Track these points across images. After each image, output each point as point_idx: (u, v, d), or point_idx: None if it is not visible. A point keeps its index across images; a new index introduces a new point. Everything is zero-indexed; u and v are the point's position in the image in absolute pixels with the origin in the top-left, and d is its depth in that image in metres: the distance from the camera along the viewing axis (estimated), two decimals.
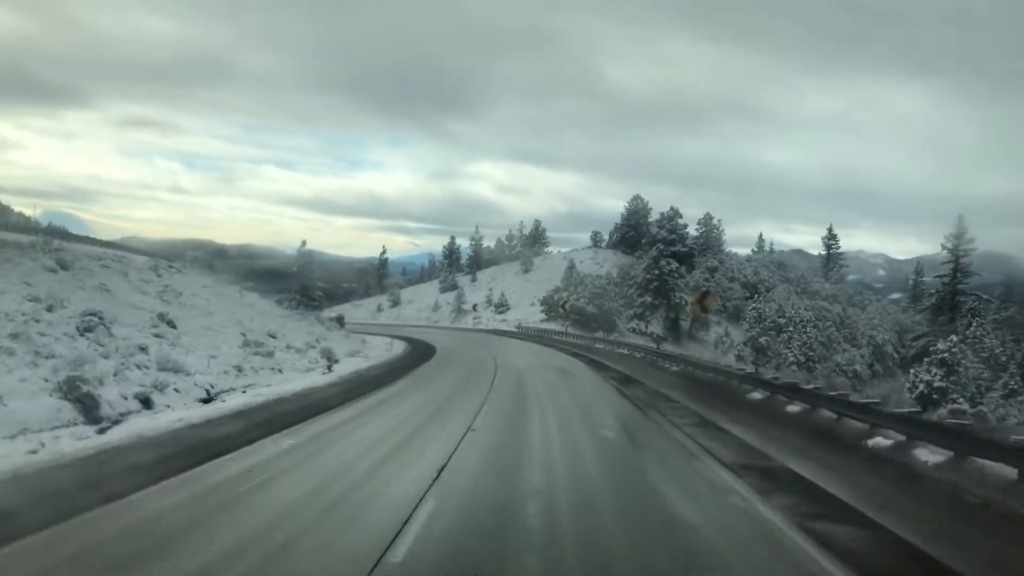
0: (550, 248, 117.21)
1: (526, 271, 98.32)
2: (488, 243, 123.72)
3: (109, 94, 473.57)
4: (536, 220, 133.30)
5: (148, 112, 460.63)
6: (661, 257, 70.93)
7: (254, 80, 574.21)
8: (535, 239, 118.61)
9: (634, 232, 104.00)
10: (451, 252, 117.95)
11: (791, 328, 75.94)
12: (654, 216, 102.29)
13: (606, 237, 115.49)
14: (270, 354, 22.88)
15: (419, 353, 35.64)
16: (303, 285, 44.91)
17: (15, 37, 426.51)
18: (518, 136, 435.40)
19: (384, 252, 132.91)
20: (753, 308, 77.09)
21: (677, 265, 73.21)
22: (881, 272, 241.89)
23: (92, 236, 37.30)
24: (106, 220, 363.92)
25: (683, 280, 74.32)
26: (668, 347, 72.83)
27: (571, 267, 78.87)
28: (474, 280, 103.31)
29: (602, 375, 27.76)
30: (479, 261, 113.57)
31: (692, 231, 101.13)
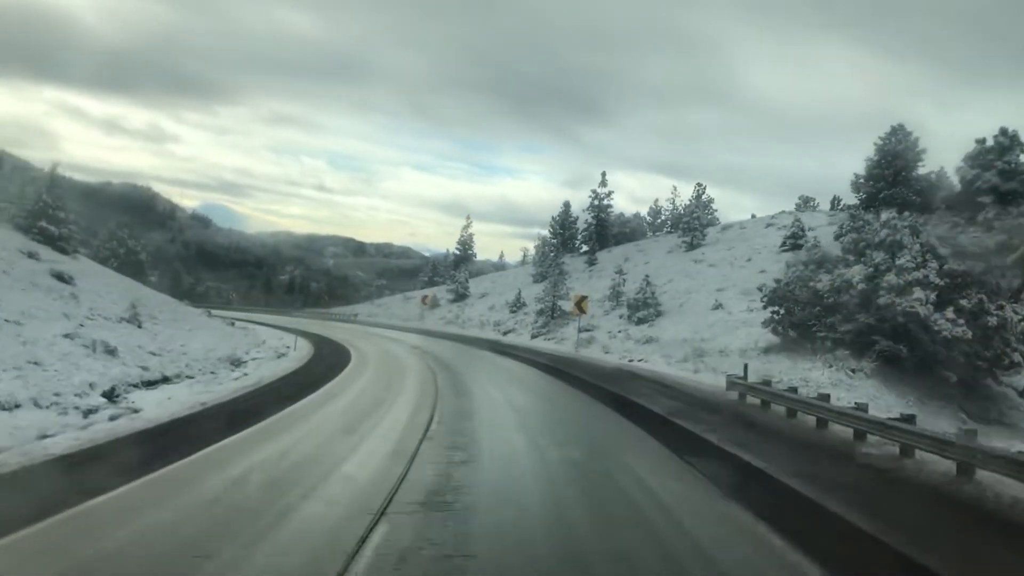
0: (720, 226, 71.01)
1: (692, 247, 53.96)
2: (622, 210, 79.94)
3: (258, 90, 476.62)
4: (698, 184, 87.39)
5: (294, 110, 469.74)
6: None
7: (392, 80, 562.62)
8: (697, 208, 72.94)
9: (891, 188, 57.35)
10: (563, 224, 75.00)
11: None
12: (924, 164, 56.03)
13: (819, 202, 69.08)
14: None
15: None
16: None
17: (173, 32, 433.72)
18: (653, 145, 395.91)
19: (469, 224, 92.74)
20: None
21: None
22: None
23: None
24: (258, 214, 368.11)
25: None
26: None
27: (800, 232, 33.84)
28: (592, 263, 59.96)
29: None
30: (604, 234, 69.21)
31: None
